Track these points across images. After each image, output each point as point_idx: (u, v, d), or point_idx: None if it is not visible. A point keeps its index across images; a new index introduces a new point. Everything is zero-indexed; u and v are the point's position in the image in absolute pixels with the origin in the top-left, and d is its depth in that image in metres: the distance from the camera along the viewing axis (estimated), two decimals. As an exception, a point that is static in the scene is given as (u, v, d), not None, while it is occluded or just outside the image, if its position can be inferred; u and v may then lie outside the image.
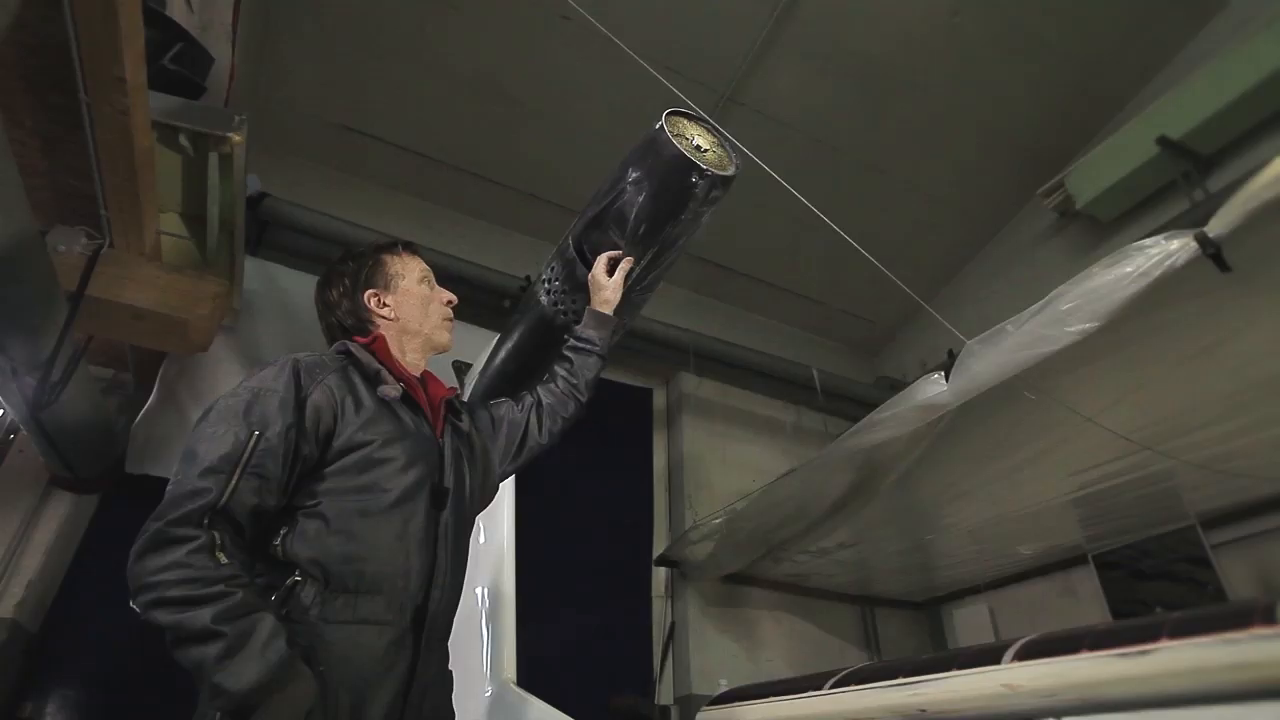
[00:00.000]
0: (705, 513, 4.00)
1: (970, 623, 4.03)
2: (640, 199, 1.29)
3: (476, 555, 2.04)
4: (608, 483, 4.06)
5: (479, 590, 2.43)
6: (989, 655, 1.22)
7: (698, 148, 1.25)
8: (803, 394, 4.47)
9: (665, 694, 3.58)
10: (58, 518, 2.52)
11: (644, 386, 4.57)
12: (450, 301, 1.48)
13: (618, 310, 1.46)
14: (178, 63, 2.14)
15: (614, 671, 3.52)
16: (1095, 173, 3.69)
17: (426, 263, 1.50)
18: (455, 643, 1.25)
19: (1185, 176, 3.40)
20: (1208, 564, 3.05)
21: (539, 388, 1.52)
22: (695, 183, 1.22)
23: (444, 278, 3.53)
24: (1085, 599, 3.54)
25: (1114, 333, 1.84)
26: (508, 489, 2.02)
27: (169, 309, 1.99)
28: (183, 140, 2.01)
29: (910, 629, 4.39)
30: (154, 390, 2.38)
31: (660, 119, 1.24)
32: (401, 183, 4.08)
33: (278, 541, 1.06)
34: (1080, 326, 1.82)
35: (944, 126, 4.07)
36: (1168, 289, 1.73)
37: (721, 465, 4.36)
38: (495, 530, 1.98)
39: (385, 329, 1.35)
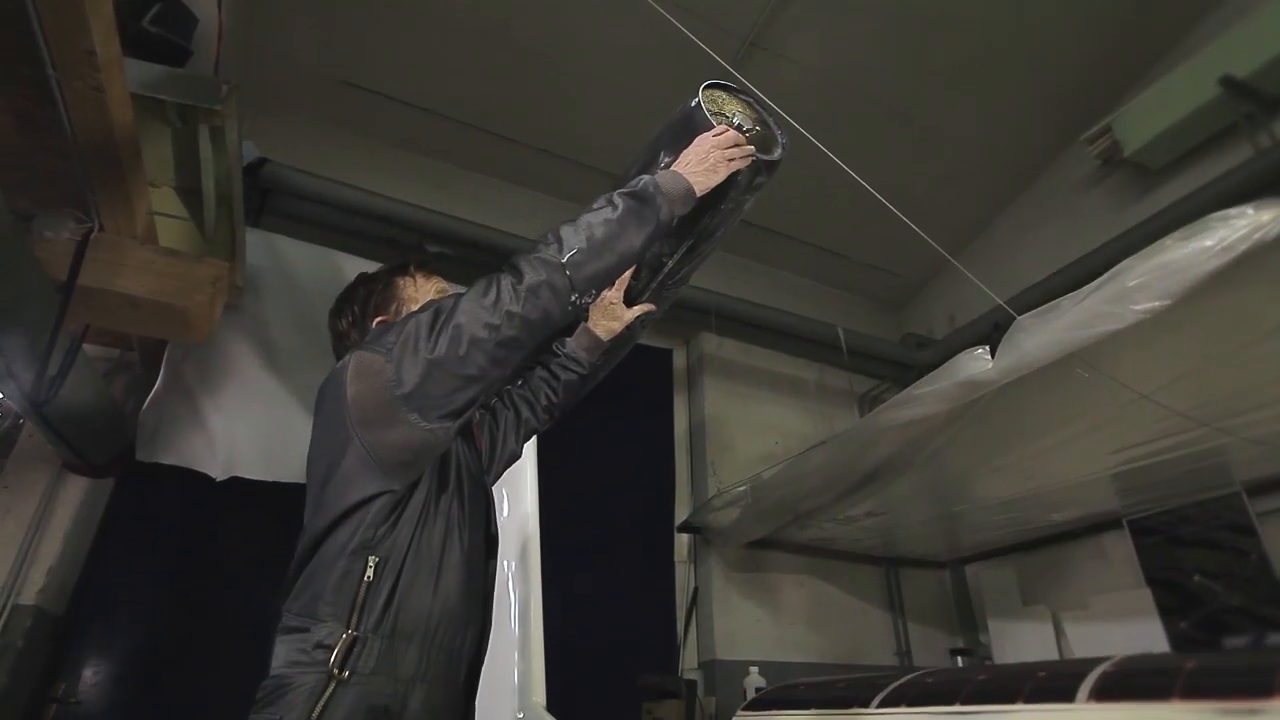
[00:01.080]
0: (728, 476, 3.94)
1: (995, 585, 3.98)
2: (674, 187, 1.14)
3: (503, 528, 1.96)
4: (628, 447, 3.99)
5: (506, 563, 2.38)
6: (1059, 688, 1.12)
7: (739, 127, 1.10)
8: (827, 352, 4.33)
9: (690, 659, 3.59)
10: (73, 503, 2.49)
11: (663, 347, 4.46)
12: None
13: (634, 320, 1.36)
14: (158, 24, 1.97)
15: (637, 637, 3.52)
16: (1147, 116, 3.43)
17: (444, 278, 1.43)
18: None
19: (1248, 119, 3.15)
20: (1252, 532, 2.94)
21: (517, 398, 1.43)
22: (737, 169, 1.07)
23: (459, 243, 3.41)
24: (1117, 564, 3.46)
25: (1179, 310, 1.69)
26: (531, 478, 1.92)
27: (166, 296, 1.88)
28: (169, 113, 1.86)
29: (934, 589, 4.37)
30: (160, 375, 2.30)
31: (696, 94, 1.08)
32: (409, 141, 3.89)
33: (361, 594, 0.95)
34: (1148, 305, 1.66)
35: (978, 69, 3.79)
36: (1249, 264, 1.57)
37: (744, 427, 4.28)
38: (519, 504, 1.90)
39: None
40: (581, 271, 1.06)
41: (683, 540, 3.87)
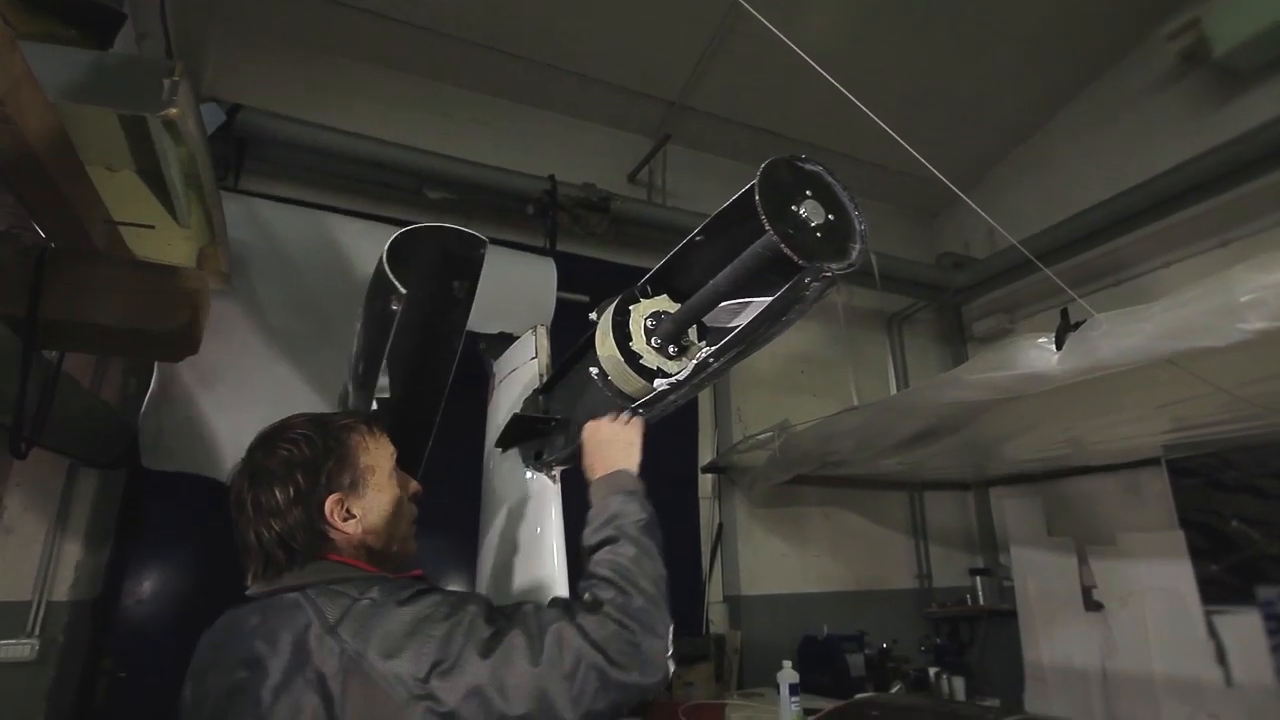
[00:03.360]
0: (754, 411, 3.86)
1: (1021, 513, 3.97)
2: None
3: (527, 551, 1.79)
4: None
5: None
6: None
7: (805, 222, 0.85)
8: (857, 276, 4.07)
9: (715, 593, 3.67)
10: (89, 496, 2.43)
11: (682, 273, 4.21)
12: (417, 493, 1.14)
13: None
14: (79, -12, 1.64)
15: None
16: (1246, 11, 2.94)
17: None
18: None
19: (1370, 17, 2.69)
20: (1301, 483, 2.84)
21: None
22: (809, 285, 0.84)
23: (460, 186, 3.10)
24: (1150, 500, 3.39)
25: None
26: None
27: (142, 322, 1.69)
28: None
29: (957, 510, 4.38)
30: (153, 378, 2.15)
31: (759, 208, 0.82)
32: (403, 62, 3.43)
33: None
34: (1259, 325, 1.44)
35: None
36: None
37: (770, 358, 4.12)
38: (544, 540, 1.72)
39: (340, 545, 1.00)
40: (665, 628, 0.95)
41: (706, 477, 3.84)
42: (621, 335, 1.13)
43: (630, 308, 1.15)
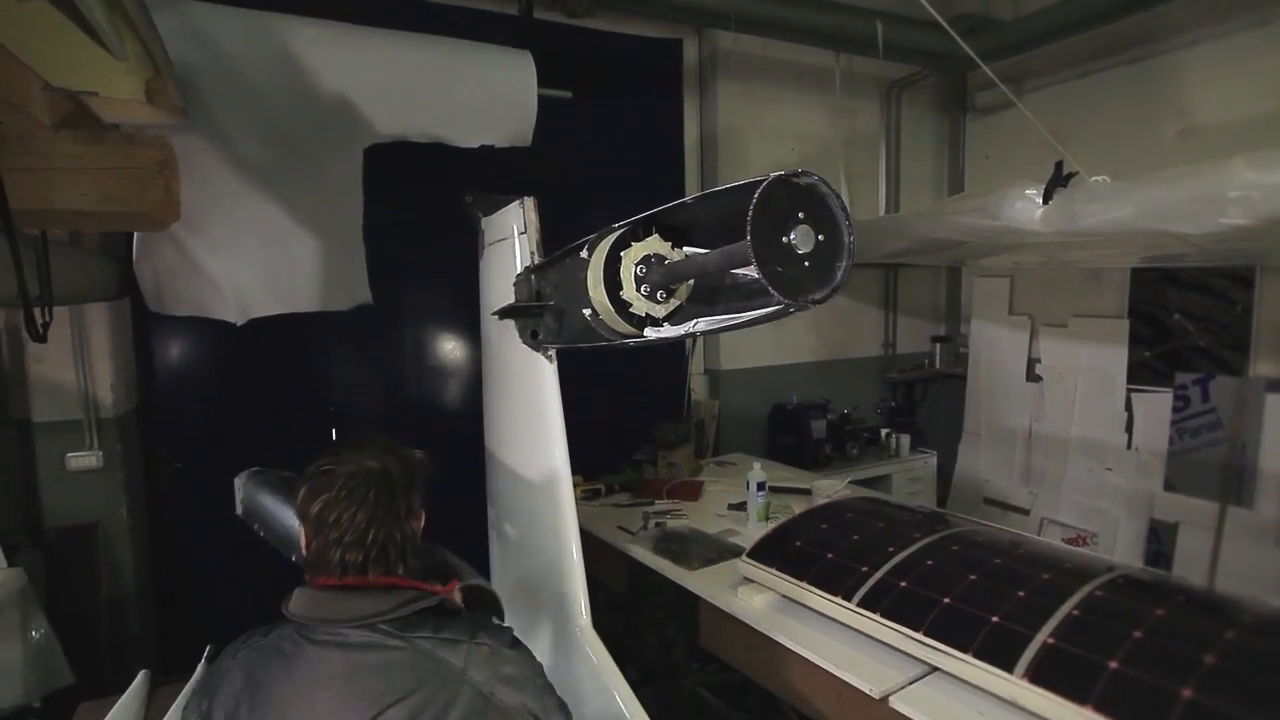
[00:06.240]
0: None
1: (988, 292, 4.20)
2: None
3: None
4: (630, 156, 3.71)
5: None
6: (1002, 651, 1.36)
7: (794, 248, 0.86)
8: (860, 45, 3.72)
9: (696, 366, 4.02)
10: (104, 323, 2.54)
11: (670, 38, 3.82)
12: None
13: None
14: None
15: (648, 352, 3.86)
16: None
17: None
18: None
19: None
20: (1249, 285, 3.01)
21: None
22: (791, 312, 0.88)
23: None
24: (1109, 288, 3.57)
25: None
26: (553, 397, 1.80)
27: (115, 204, 1.63)
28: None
29: (928, 284, 4.59)
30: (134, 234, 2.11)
31: (750, 252, 0.81)
32: None
33: None
34: (1239, 222, 1.48)
35: None
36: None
37: (760, 136, 3.96)
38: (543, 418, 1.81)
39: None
40: None
41: (691, 264, 3.94)
42: (612, 280, 1.18)
43: (621, 254, 1.17)
